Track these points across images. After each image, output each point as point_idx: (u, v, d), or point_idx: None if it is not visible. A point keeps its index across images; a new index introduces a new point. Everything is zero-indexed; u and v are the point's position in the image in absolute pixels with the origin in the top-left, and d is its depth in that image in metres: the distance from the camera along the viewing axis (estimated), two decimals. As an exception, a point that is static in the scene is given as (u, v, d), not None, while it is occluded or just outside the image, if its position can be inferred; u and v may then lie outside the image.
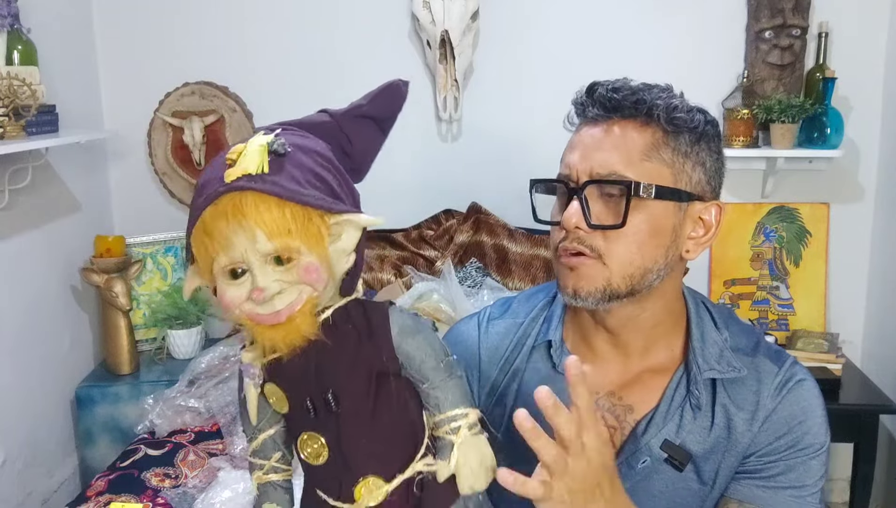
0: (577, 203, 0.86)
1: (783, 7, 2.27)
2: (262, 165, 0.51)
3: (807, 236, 2.44)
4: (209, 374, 2.14)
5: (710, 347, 0.93)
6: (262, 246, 0.51)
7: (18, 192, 1.97)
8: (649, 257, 0.88)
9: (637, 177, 0.86)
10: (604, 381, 0.96)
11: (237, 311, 0.54)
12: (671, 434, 0.91)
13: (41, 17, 2.06)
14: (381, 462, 0.60)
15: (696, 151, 0.90)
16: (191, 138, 2.42)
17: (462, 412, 0.61)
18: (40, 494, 2.11)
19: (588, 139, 0.90)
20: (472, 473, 0.60)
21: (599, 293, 0.87)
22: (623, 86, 0.90)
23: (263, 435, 0.63)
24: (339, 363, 0.57)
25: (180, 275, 2.52)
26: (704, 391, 0.91)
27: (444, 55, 2.29)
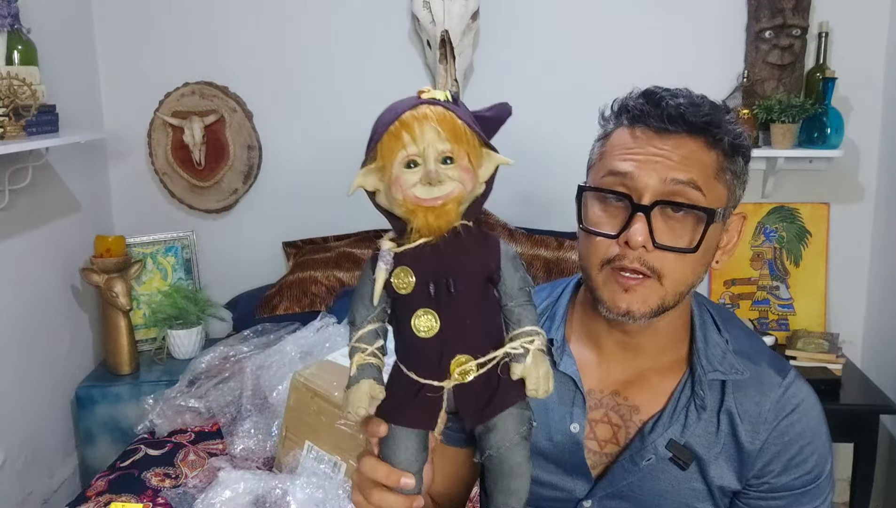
0: (643, 220, 0.84)
1: (783, 7, 2.27)
2: (447, 97, 0.71)
3: (807, 236, 2.44)
4: (209, 374, 2.15)
5: (712, 349, 0.94)
6: (441, 145, 0.68)
7: (18, 192, 1.97)
8: (697, 275, 0.89)
9: (707, 193, 0.86)
10: (608, 380, 0.96)
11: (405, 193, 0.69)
12: (676, 434, 0.91)
13: (41, 17, 2.06)
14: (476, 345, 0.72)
15: (743, 173, 0.92)
16: (191, 138, 2.42)
17: (537, 331, 0.73)
18: (40, 494, 2.11)
19: (654, 150, 0.86)
20: (539, 379, 0.71)
21: (653, 312, 0.87)
22: (692, 102, 0.88)
23: (371, 326, 0.75)
24: (461, 258, 0.72)
25: (180, 275, 2.53)
26: (710, 392, 0.92)
27: (444, 55, 2.29)
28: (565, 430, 0.95)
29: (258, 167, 2.50)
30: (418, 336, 0.73)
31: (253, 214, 2.54)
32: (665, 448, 0.91)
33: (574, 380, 0.95)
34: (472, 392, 0.73)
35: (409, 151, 0.69)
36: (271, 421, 1.89)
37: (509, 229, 2.41)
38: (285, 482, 1.61)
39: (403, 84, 2.43)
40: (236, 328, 2.43)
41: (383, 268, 0.72)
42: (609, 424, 0.95)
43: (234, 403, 2.01)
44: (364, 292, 0.76)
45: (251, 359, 2.10)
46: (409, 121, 0.69)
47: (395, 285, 0.73)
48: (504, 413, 0.74)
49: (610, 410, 0.95)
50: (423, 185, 0.69)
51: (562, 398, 0.96)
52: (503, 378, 0.73)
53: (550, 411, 0.96)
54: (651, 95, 0.89)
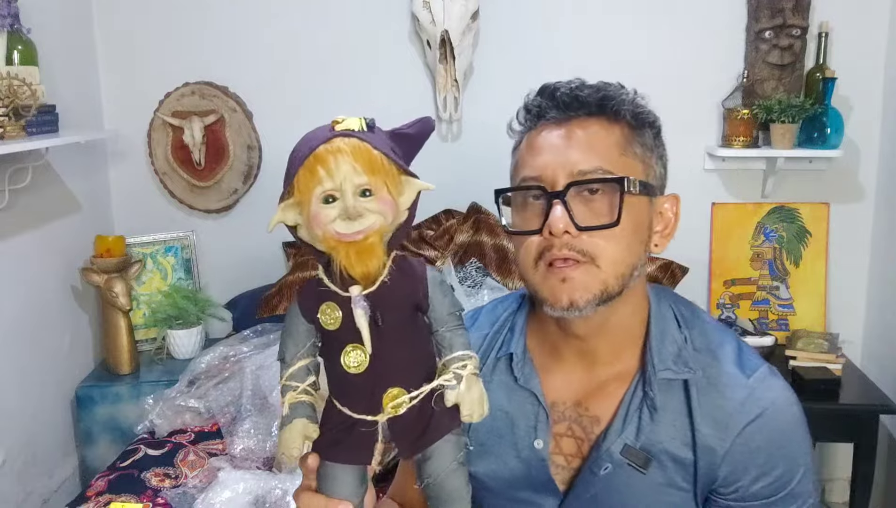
0: (561, 207, 0.83)
1: (783, 7, 2.27)
2: (361, 126, 0.70)
3: (807, 236, 2.44)
4: (209, 374, 2.15)
5: (668, 346, 0.90)
6: (358, 178, 0.67)
7: (18, 192, 1.97)
8: (635, 254, 0.87)
9: (618, 172, 0.85)
10: (570, 391, 0.94)
11: (324, 229, 0.68)
12: (630, 439, 0.89)
13: (41, 17, 2.06)
14: (408, 377, 0.73)
15: (657, 145, 0.91)
16: (191, 138, 2.42)
17: (469, 354, 0.73)
18: (40, 494, 2.11)
19: (556, 140, 0.87)
20: (473, 403, 0.72)
21: (596, 299, 0.85)
22: (583, 84, 0.89)
23: (301, 363, 0.75)
24: (388, 290, 0.71)
25: (180, 275, 2.53)
26: (666, 392, 0.89)
27: (444, 55, 2.29)
28: (530, 446, 0.93)
29: (258, 167, 2.50)
30: (348, 372, 0.72)
31: (253, 214, 2.54)
32: (620, 455, 0.88)
33: (536, 395, 0.94)
34: (407, 424, 0.73)
35: (325, 186, 0.68)
36: (271, 421, 1.89)
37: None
38: (285, 482, 1.61)
39: (403, 84, 2.45)
40: (236, 328, 2.43)
41: (362, 315, 0.70)
42: (573, 437, 0.93)
43: (233, 403, 2.01)
44: (292, 329, 0.75)
45: (251, 359, 2.11)
46: (324, 155, 0.68)
47: (323, 321, 0.73)
48: (440, 442, 0.74)
49: (573, 423, 0.94)
50: (342, 220, 0.68)
51: (526, 414, 0.94)
52: (437, 407, 0.72)
53: (516, 427, 0.95)
54: (544, 89, 0.91)
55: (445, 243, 2.41)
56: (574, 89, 0.88)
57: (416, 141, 0.77)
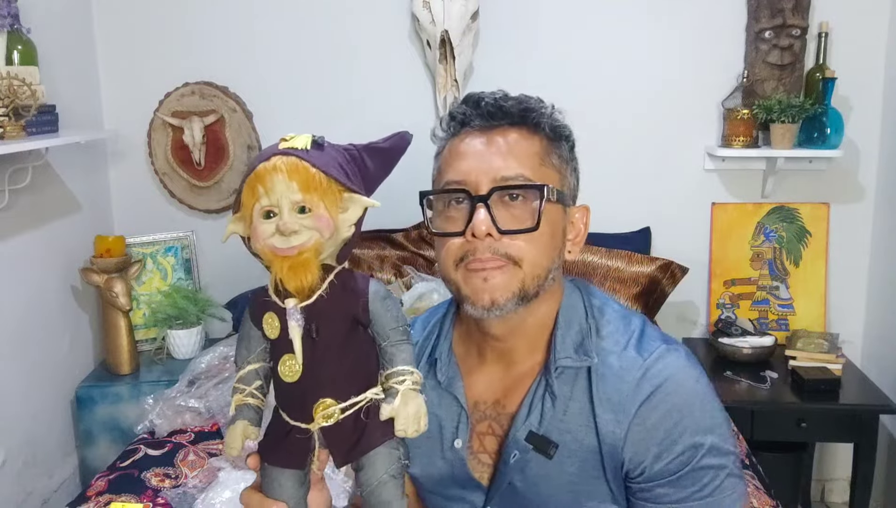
0: (485, 210, 0.87)
1: (783, 7, 2.27)
2: (306, 145, 0.73)
3: (807, 236, 2.44)
4: (209, 374, 2.14)
5: (573, 335, 0.93)
6: (293, 195, 0.70)
7: (18, 192, 1.97)
8: (550, 258, 0.91)
9: (537, 180, 0.89)
10: (490, 390, 0.98)
11: (262, 243, 0.71)
12: (534, 425, 0.91)
13: (41, 17, 2.06)
14: (340, 388, 0.75)
15: (571, 158, 0.96)
16: (191, 138, 2.42)
17: (409, 370, 0.75)
18: (40, 494, 2.11)
19: (480, 147, 0.91)
20: (408, 419, 0.74)
21: (516, 298, 0.88)
22: (507, 96, 0.94)
23: (250, 367, 0.79)
24: (326, 305, 0.73)
25: (180, 275, 2.53)
26: (568, 381, 0.91)
27: (444, 55, 2.29)
28: (451, 447, 0.97)
29: (258, 167, 2.50)
30: (284, 380, 0.75)
31: (253, 214, 2.54)
32: (525, 441, 0.91)
33: (457, 397, 0.97)
34: (340, 433, 0.75)
35: (262, 202, 0.71)
36: (271, 421, 1.89)
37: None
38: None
39: (403, 84, 2.45)
40: (236, 328, 2.43)
41: (295, 326, 0.73)
42: (493, 435, 0.96)
43: (234, 403, 2.01)
44: (244, 334, 0.80)
45: (251, 359, 2.10)
46: (262, 173, 0.71)
47: (265, 329, 0.76)
48: (372, 453, 0.76)
49: (492, 421, 0.97)
50: (279, 235, 0.71)
51: (450, 415, 0.98)
52: (370, 420, 0.75)
53: (443, 429, 0.98)
54: (469, 98, 0.95)
55: (445, 243, 2.41)
56: (498, 100, 0.92)
57: (391, 155, 0.81)
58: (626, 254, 2.28)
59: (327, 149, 0.75)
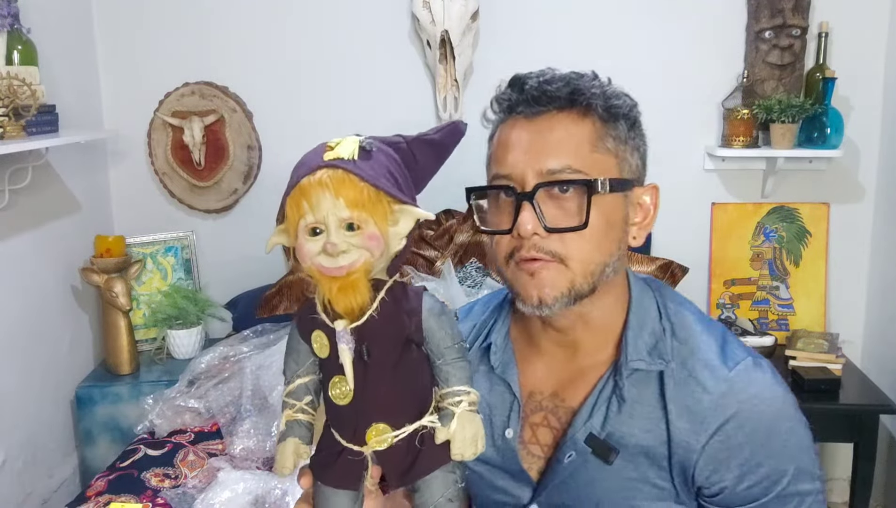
0: (530, 209, 0.82)
1: (783, 7, 2.27)
2: (353, 154, 0.67)
3: (807, 236, 2.44)
4: (209, 374, 2.15)
5: (646, 336, 0.88)
6: (341, 212, 0.65)
7: (18, 192, 1.97)
8: (606, 252, 0.85)
9: (589, 172, 0.83)
10: (548, 381, 0.94)
11: (309, 262, 0.67)
12: (596, 428, 0.87)
13: (41, 17, 2.06)
14: (393, 413, 0.71)
15: (632, 136, 0.89)
16: (191, 138, 2.42)
17: (465, 390, 0.71)
18: (40, 494, 2.11)
19: (526, 138, 0.85)
20: (464, 441, 0.70)
21: (565, 297, 0.84)
22: (553, 77, 0.87)
23: (300, 381, 0.74)
24: (377, 324, 0.69)
25: (180, 275, 2.53)
26: (638, 383, 0.86)
27: (444, 55, 2.29)
28: (502, 435, 0.93)
29: (258, 167, 2.50)
30: (335, 402, 0.72)
31: (253, 214, 2.54)
32: (584, 443, 0.87)
33: (510, 385, 0.94)
34: (394, 457, 0.72)
35: (307, 219, 0.66)
36: (271, 421, 1.89)
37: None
38: (285, 482, 1.61)
39: (403, 84, 2.45)
40: (236, 328, 2.43)
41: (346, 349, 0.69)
42: (549, 427, 0.92)
43: (233, 403, 2.01)
44: (292, 347, 0.75)
45: (251, 359, 2.11)
46: (307, 189, 0.66)
47: (314, 348, 0.72)
48: (428, 478, 0.73)
49: (549, 413, 0.93)
50: (326, 254, 0.66)
51: (502, 403, 0.94)
52: (425, 445, 0.71)
53: (493, 416, 0.95)
54: (514, 82, 0.89)
55: (445, 243, 2.41)
56: (543, 83, 0.86)
57: (443, 147, 0.75)
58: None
59: (375, 155, 0.69)
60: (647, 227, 0.92)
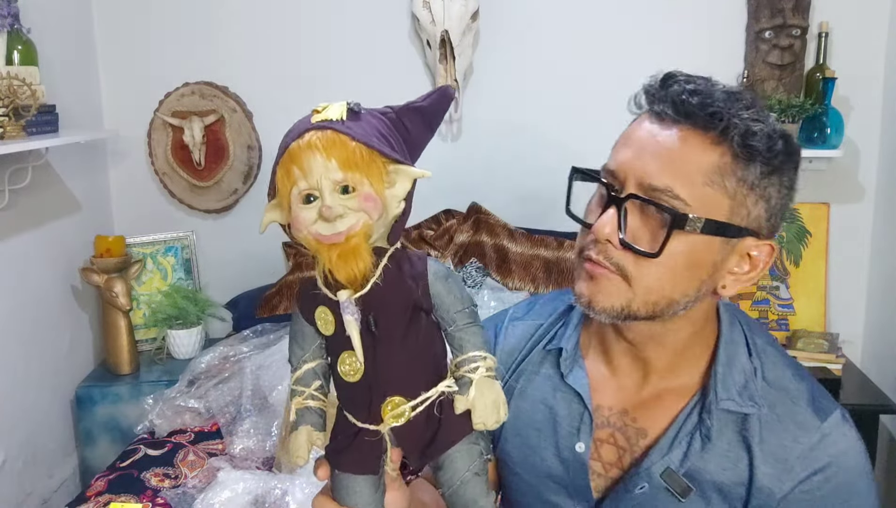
0: (614, 212, 0.77)
1: (783, 7, 2.27)
2: (341, 115, 0.65)
3: (807, 236, 2.44)
4: (209, 374, 2.15)
5: (735, 375, 0.84)
6: (334, 174, 0.62)
7: (18, 192, 1.97)
8: (679, 290, 0.79)
9: (692, 201, 0.76)
10: (618, 397, 0.89)
11: (305, 231, 0.64)
12: (675, 463, 0.83)
13: (41, 17, 2.06)
14: (407, 384, 0.67)
15: (763, 185, 0.78)
16: (191, 138, 2.42)
17: (481, 355, 0.68)
18: (40, 494, 2.11)
19: (648, 139, 0.79)
20: (485, 409, 0.66)
21: (615, 312, 0.80)
22: (704, 90, 0.78)
23: (307, 366, 0.71)
24: (382, 293, 0.66)
25: (180, 275, 2.53)
26: (722, 422, 0.83)
27: (444, 55, 2.29)
28: (571, 448, 0.89)
29: (258, 167, 2.50)
30: (346, 380, 0.68)
31: (253, 214, 2.54)
32: (660, 477, 0.83)
33: (581, 396, 0.88)
34: (413, 432, 0.68)
35: (300, 186, 0.63)
36: (271, 421, 1.89)
37: (509, 229, 2.41)
38: (285, 482, 1.61)
39: (403, 84, 2.45)
40: (236, 328, 2.43)
41: (352, 320, 0.65)
42: (615, 446, 0.88)
43: (233, 403, 2.01)
44: (296, 332, 0.72)
45: (251, 359, 2.11)
46: (296, 152, 0.64)
47: (319, 325, 0.69)
48: (450, 451, 0.69)
49: (616, 431, 0.88)
50: (322, 221, 0.63)
51: (571, 413, 0.90)
52: (444, 416, 0.68)
53: (558, 425, 0.90)
54: (666, 78, 0.82)
55: (445, 243, 2.41)
56: (689, 92, 0.77)
57: (433, 114, 0.72)
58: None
59: (364, 116, 0.67)
60: (745, 282, 0.83)
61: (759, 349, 0.86)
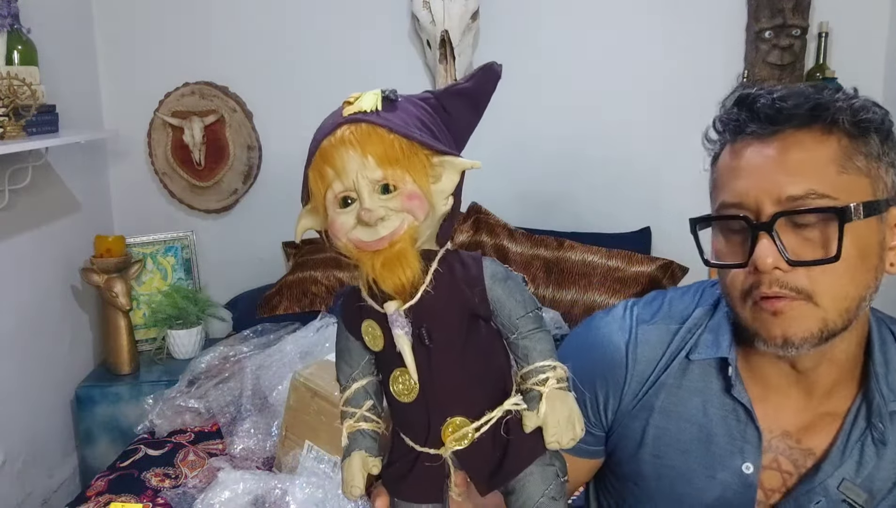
0: (768, 240, 0.73)
1: (783, 7, 2.27)
2: (376, 105, 0.57)
3: (807, 236, 2.44)
4: (209, 374, 2.14)
5: (893, 373, 0.81)
6: (372, 172, 0.56)
7: (18, 192, 1.97)
8: (862, 285, 0.76)
9: (838, 196, 0.73)
10: (778, 419, 0.84)
11: (344, 239, 0.57)
12: (850, 474, 0.79)
13: (41, 17, 2.06)
14: (469, 402, 0.61)
15: (885, 151, 0.79)
16: (191, 138, 2.42)
17: (550, 365, 0.60)
18: (40, 494, 2.11)
19: (759, 160, 0.76)
20: (558, 426, 0.59)
21: (816, 338, 0.75)
22: (789, 92, 0.78)
23: (357, 385, 0.64)
24: (435, 301, 0.59)
25: (180, 275, 2.53)
26: (893, 424, 0.79)
27: (444, 55, 2.29)
28: (734, 469, 0.83)
29: (258, 167, 2.50)
30: (399, 401, 0.62)
31: (253, 214, 2.54)
32: (837, 489, 0.79)
33: (749, 410, 0.83)
34: (478, 455, 0.62)
35: (335, 189, 0.57)
36: (271, 421, 1.89)
37: (509, 229, 2.41)
38: (285, 482, 1.61)
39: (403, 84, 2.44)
40: (236, 328, 2.43)
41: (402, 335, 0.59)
42: (779, 471, 0.83)
43: (233, 403, 2.01)
44: (342, 348, 0.65)
45: (251, 359, 2.10)
46: (329, 151, 0.57)
47: (367, 341, 0.62)
48: (522, 475, 0.62)
49: (780, 455, 0.83)
50: (362, 226, 0.56)
51: (730, 430, 0.84)
52: (513, 435, 0.61)
53: (713, 444, 0.84)
54: (743, 100, 0.80)
55: (445, 243, 2.41)
56: (777, 99, 0.77)
57: (479, 94, 0.64)
58: (626, 254, 2.28)
59: (402, 104, 0.59)
60: None
61: None
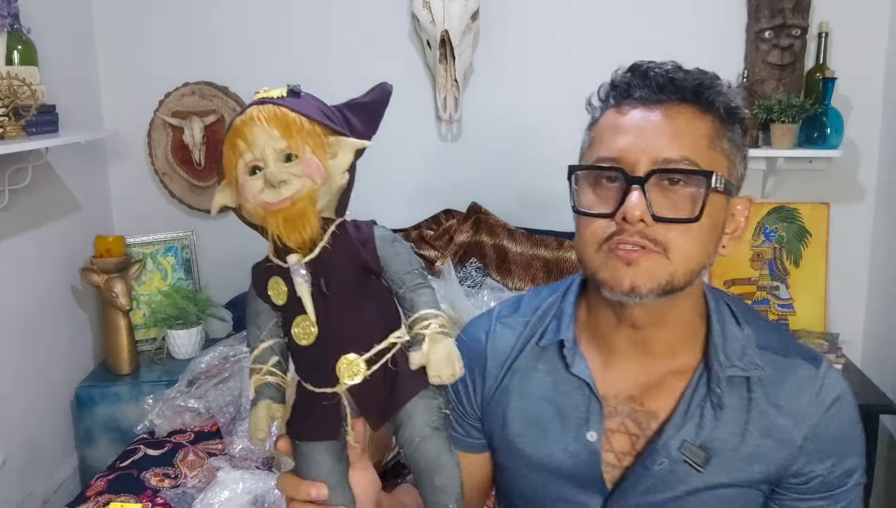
0: (639, 193, 0.79)
1: (783, 7, 2.27)
2: (281, 94, 0.69)
3: (807, 236, 2.44)
4: (209, 374, 2.14)
5: (731, 343, 0.88)
6: (277, 143, 0.66)
7: (18, 192, 1.97)
8: (705, 253, 0.83)
9: (705, 165, 0.81)
10: (623, 384, 0.90)
11: (253, 201, 0.67)
12: (690, 435, 0.85)
13: (41, 17, 2.07)
14: (361, 341, 0.70)
15: (743, 144, 0.88)
16: (191, 138, 2.42)
17: (433, 313, 0.70)
18: (40, 494, 2.11)
19: (642, 123, 0.83)
20: (440, 362, 0.68)
21: (660, 288, 0.81)
22: (679, 68, 0.87)
23: (264, 345, 0.74)
24: (331, 256, 0.69)
25: (180, 275, 2.53)
26: (729, 389, 0.86)
27: (444, 55, 2.29)
28: (581, 439, 0.88)
29: (258, 167, 2.50)
30: (300, 345, 0.70)
31: (253, 214, 2.54)
32: (678, 451, 0.85)
33: (588, 384, 0.89)
34: (370, 390, 0.70)
35: (246, 158, 0.67)
36: (271, 421, 1.89)
37: (509, 229, 2.41)
38: (285, 482, 1.61)
39: (403, 84, 2.44)
40: (236, 328, 2.43)
41: (302, 283, 0.68)
42: (626, 434, 0.89)
43: (233, 403, 2.01)
44: (251, 313, 0.74)
45: (251, 359, 2.10)
46: (240, 127, 0.67)
47: (272, 296, 0.71)
48: (407, 406, 0.71)
49: (626, 418, 0.89)
50: (268, 189, 0.66)
51: (575, 404, 0.89)
52: (400, 370, 0.70)
53: (564, 419, 0.90)
54: (637, 67, 0.88)
55: (445, 243, 2.41)
56: (669, 72, 0.85)
57: (375, 109, 0.75)
58: None
59: (305, 96, 0.71)
60: (737, 239, 0.89)
61: (745, 319, 0.91)
